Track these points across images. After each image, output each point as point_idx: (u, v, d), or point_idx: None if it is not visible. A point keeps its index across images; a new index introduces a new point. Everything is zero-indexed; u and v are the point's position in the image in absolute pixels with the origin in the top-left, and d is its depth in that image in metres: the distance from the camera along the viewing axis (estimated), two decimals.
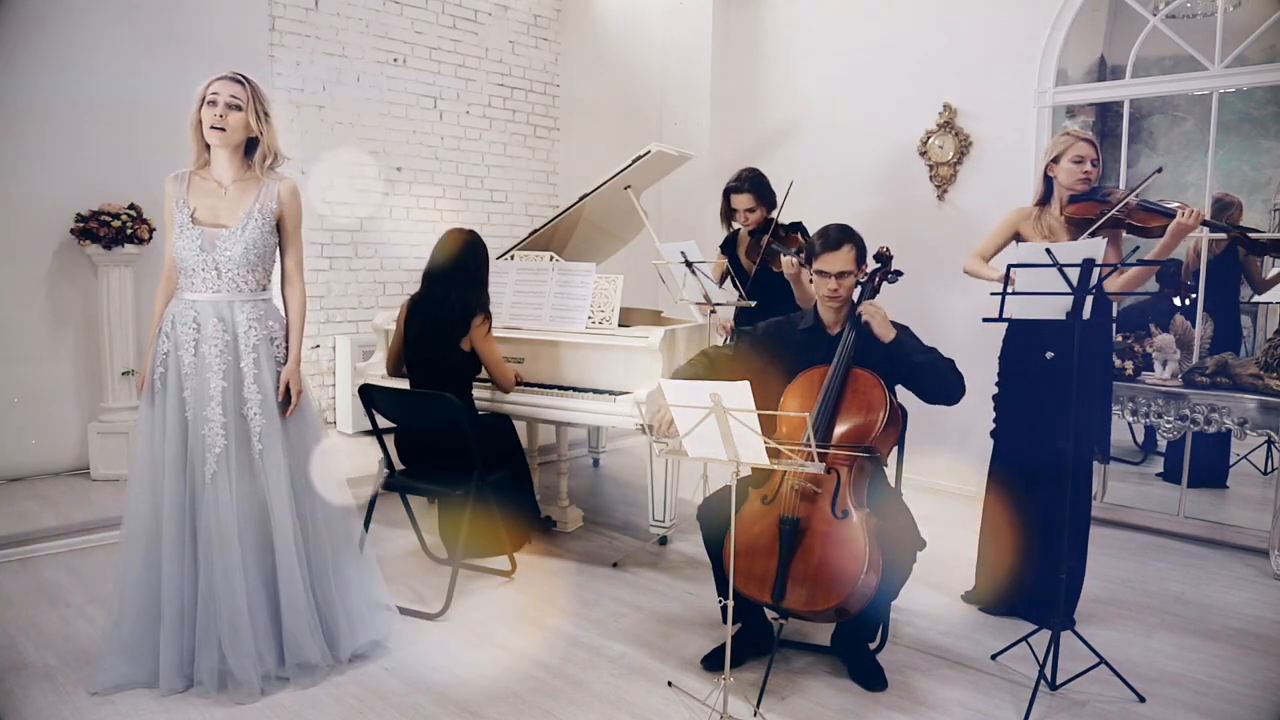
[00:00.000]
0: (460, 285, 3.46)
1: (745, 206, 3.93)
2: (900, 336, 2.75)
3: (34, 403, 4.52)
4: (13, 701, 2.50)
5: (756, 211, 3.93)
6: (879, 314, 2.73)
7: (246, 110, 2.55)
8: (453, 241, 3.51)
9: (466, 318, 3.42)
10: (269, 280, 2.73)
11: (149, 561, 2.55)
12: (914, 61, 4.90)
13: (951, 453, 4.72)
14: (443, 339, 3.44)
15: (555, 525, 4.12)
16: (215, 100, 2.53)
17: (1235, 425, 3.84)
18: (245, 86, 2.56)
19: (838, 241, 2.74)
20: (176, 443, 2.56)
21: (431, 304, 3.47)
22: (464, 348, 3.45)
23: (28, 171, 4.40)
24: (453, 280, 3.46)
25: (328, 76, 5.54)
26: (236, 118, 2.55)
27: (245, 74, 2.59)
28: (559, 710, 2.53)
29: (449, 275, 3.47)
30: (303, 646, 2.61)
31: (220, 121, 2.53)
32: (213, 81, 2.55)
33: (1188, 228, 2.82)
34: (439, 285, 3.48)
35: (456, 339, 3.43)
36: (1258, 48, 3.94)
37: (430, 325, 3.46)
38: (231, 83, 2.55)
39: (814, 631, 3.00)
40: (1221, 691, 2.69)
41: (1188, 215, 2.80)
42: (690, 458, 2.40)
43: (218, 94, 2.53)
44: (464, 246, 3.50)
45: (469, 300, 3.44)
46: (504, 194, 6.60)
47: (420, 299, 3.52)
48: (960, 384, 2.74)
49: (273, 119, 2.63)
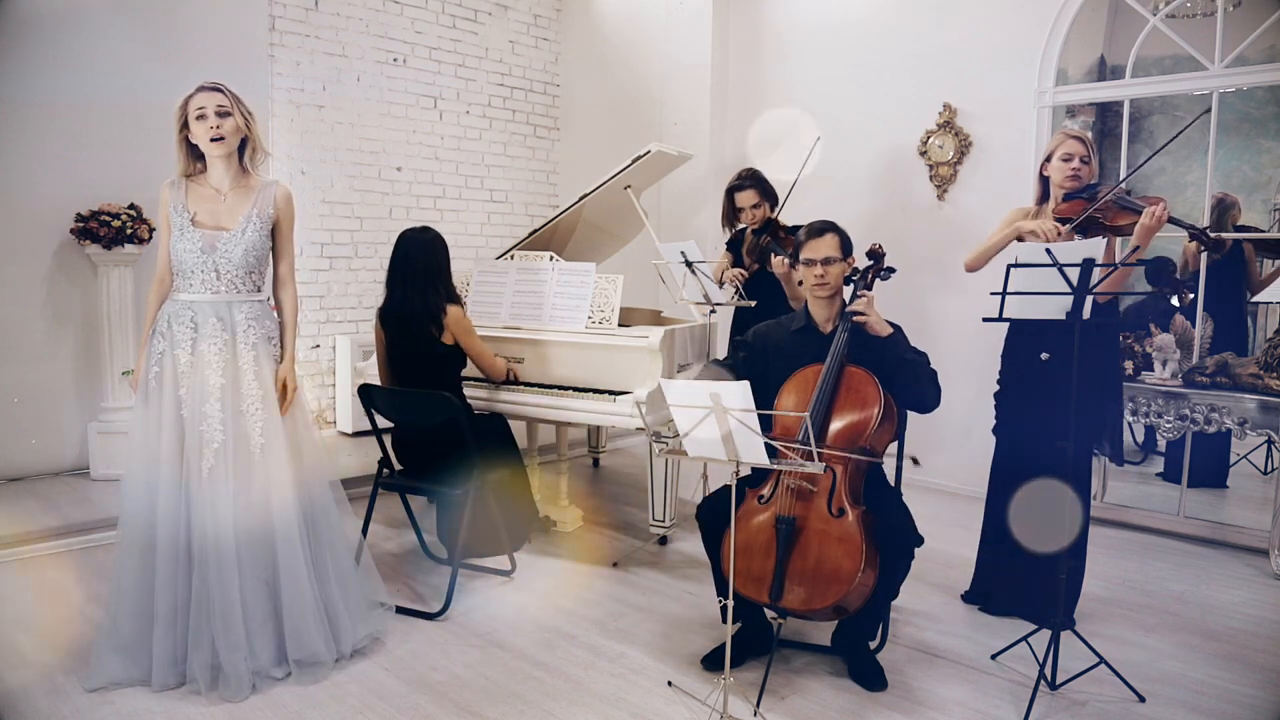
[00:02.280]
0: (416, 283, 3.42)
1: (750, 203, 3.93)
2: (895, 335, 2.75)
3: (34, 403, 4.52)
4: (13, 701, 2.50)
5: (761, 207, 3.94)
6: (872, 313, 2.72)
7: (235, 114, 2.61)
8: (405, 241, 3.48)
9: (434, 312, 3.41)
10: (264, 282, 2.78)
11: (144, 560, 2.57)
12: (914, 61, 4.90)
13: (952, 452, 4.72)
14: (419, 337, 3.43)
15: (555, 525, 4.12)
16: (204, 114, 2.58)
17: (1235, 425, 3.84)
18: (225, 93, 2.61)
19: (820, 230, 2.77)
20: (172, 440, 2.59)
21: (395, 308, 3.46)
22: (445, 341, 3.44)
23: (28, 171, 4.40)
24: (409, 280, 3.43)
25: (328, 76, 5.54)
26: (230, 124, 2.60)
27: (217, 81, 2.63)
28: (559, 710, 2.53)
29: (407, 276, 3.44)
30: (308, 639, 2.63)
31: (217, 131, 2.58)
32: (192, 96, 2.60)
33: (1150, 229, 2.79)
34: (398, 289, 3.46)
35: (434, 334, 3.42)
36: (1258, 48, 3.95)
37: (404, 328, 3.45)
38: (212, 92, 2.59)
39: (814, 631, 3.00)
40: (1221, 691, 2.69)
41: (1150, 216, 2.77)
42: (690, 458, 2.40)
43: (204, 107, 2.58)
44: (416, 245, 3.46)
45: (429, 296, 3.41)
46: (504, 194, 6.60)
47: (385, 307, 3.52)
48: (937, 396, 2.74)
49: (255, 116, 2.68)
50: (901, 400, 2.75)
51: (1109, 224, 2.89)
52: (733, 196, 3.99)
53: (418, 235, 3.49)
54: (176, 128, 2.63)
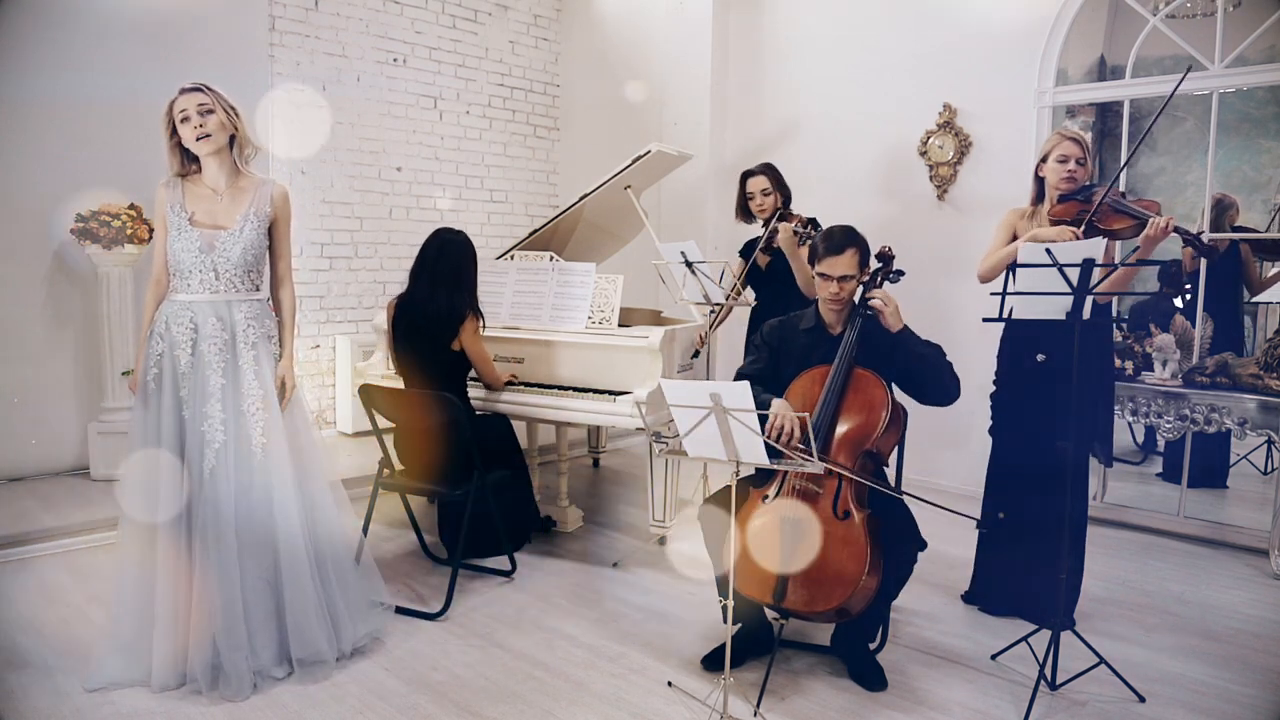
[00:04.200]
0: (447, 285, 3.42)
1: (761, 188, 3.93)
2: (904, 332, 2.75)
3: (34, 403, 4.52)
4: (13, 701, 2.50)
5: (772, 195, 3.93)
6: (891, 303, 2.71)
7: (217, 111, 2.61)
8: (441, 241, 3.48)
9: (455, 319, 3.40)
10: (263, 281, 2.78)
11: (145, 560, 2.57)
12: (914, 61, 4.90)
13: (952, 453, 4.72)
14: (432, 339, 3.42)
15: (555, 525, 4.12)
16: (187, 116, 2.59)
17: (1235, 425, 3.84)
18: (204, 91, 2.61)
19: (840, 246, 2.70)
20: (172, 442, 2.58)
21: (418, 303, 3.44)
22: (454, 348, 3.45)
23: (28, 171, 4.40)
24: (440, 280, 3.43)
25: (328, 76, 5.54)
26: (213, 120, 2.60)
27: (197, 81, 2.64)
28: (559, 710, 2.53)
29: (436, 275, 3.43)
30: (311, 637, 2.63)
31: (202, 130, 2.59)
32: (175, 100, 2.61)
33: (1155, 240, 2.79)
34: (425, 285, 3.44)
35: (446, 340, 3.42)
36: (1258, 48, 3.95)
37: (418, 324, 3.43)
38: (193, 93, 2.60)
39: (814, 631, 3.00)
40: (1221, 691, 2.69)
41: (1155, 228, 2.77)
42: (690, 458, 2.40)
43: (187, 109, 2.59)
44: (452, 247, 3.47)
45: (456, 301, 3.41)
46: (504, 194, 6.60)
47: (407, 298, 3.49)
48: (957, 386, 2.74)
49: (239, 112, 2.67)
50: (925, 396, 2.75)
51: (1103, 226, 2.89)
52: (745, 182, 3.99)
53: (453, 236, 3.50)
54: (165, 133, 2.65)
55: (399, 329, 3.50)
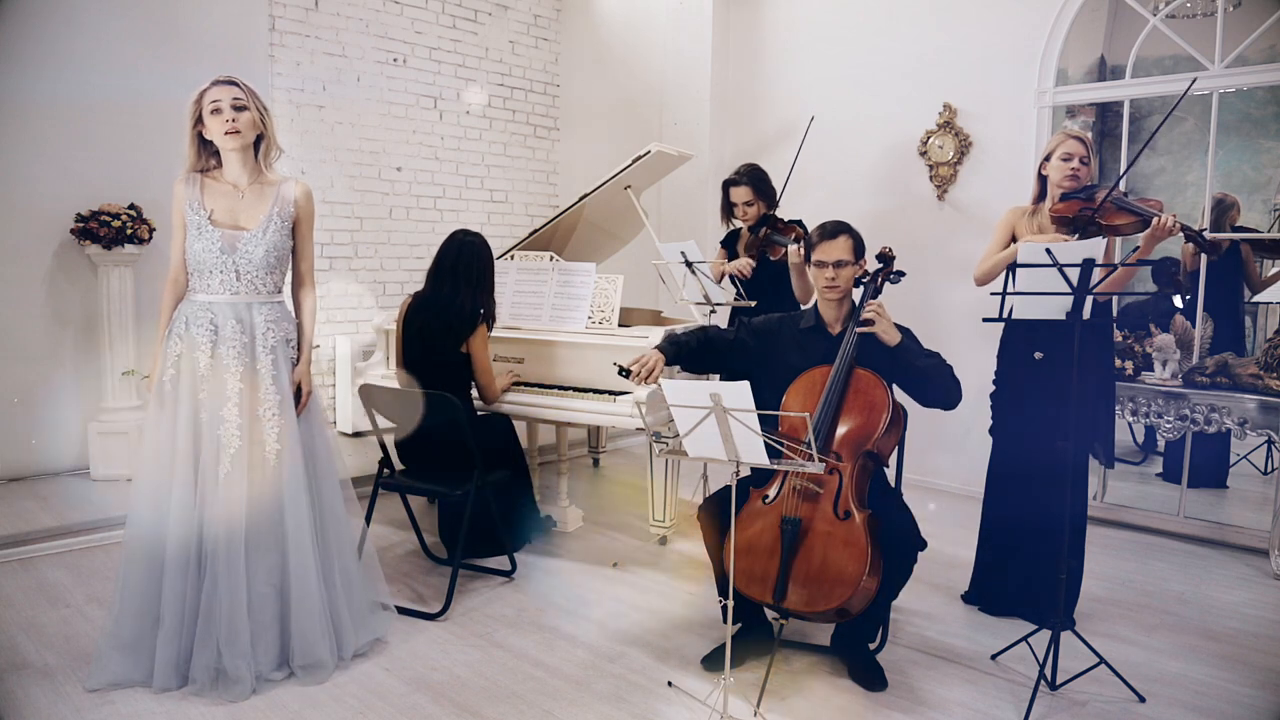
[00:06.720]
0: (471, 286, 3.45)
1: (743, 200, 3.93)
2: (904, 341, 2.74)
3: (34, 403, 4.51)
4: (13, 701, 2.50)
5: (754, 206, 3.93)
6: (884, 318, 2.71)
7: (251, 108, 2.57)
8: (460, 243, 3.49)
9: (473, 320, 3.42)
10: (284, 283, 2.75)
11: (150, 562, 2.55)
12: (914, 61, 4.90)
13: (952, 453, 4.72)
14: (444, 338, 3.43)
15: (555, 525, 4.12)
16: (220, 107, 2.54)
17: (1235, 425, 3.84)
18: (240, 86, 2.58)
19: (834, 232, 2.75)
20: (188, 444, 2.56)
21: (438, 303, 3.45)
22: (462, 350, 3.45)
23: (28, 171, 4.40)
24: (464, 280, 3.44)
25: (328, 76, 5.54)
26: (246, 118, 2.57)
27: (231, 75, 2.61)
28: (559, 710, 2.53)
29: (460, 275, 3.45)
30: (314, 645, 2.62)
31: (233, 125, 2.55)
32: (207, 90, 2.56)
33: (1157, 238, 2.82)
34: (448, 284, 3.45)
35: (457, 341, 3.42)
36: (1258, 48, 3.94)
37: (433, 323, 3.44)
38: (228, 86, 2.56)
39: (814, 631, 3.00)
40: (1221, 691, 2.69)
41: (1159, 226, 2.80)
42: (690, 458, 2.40)
43: (220, 100, 2.54)
44: (471, 248, 3.49)
45: (477, 303, 3.44)
46: (504, 194, 6.59)
47: (426, 297, 3.50)
48: (959, 391, 2.74)
49: (270, 112, 2.65)
50: (926, 400, 2.75)
51: (1105, 223, 2.90)
52: (727, 191, 3.99)
53: (472, 238, 3.52)
54: (190, 123, 2.59)
55: (411, 328, 3.50)
